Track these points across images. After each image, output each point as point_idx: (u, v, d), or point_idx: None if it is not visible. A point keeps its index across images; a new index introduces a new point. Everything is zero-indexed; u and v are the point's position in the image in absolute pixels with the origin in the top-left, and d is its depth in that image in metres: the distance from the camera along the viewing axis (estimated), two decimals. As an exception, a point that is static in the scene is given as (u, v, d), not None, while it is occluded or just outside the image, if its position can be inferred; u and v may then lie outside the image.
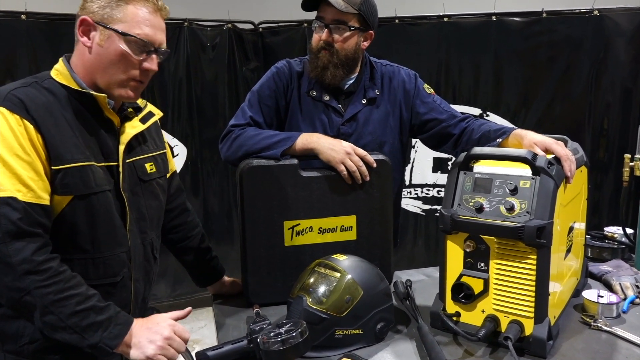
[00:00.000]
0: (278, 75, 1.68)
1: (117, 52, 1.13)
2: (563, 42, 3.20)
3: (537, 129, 3.28)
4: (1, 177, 1.02)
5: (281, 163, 1.45)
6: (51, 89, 1.13)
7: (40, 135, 1.06)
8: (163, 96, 3.27)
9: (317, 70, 1.61)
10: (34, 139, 1.05)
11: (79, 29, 1.14)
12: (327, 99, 1.66)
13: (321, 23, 1.59)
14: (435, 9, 3.31)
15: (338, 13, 1.56)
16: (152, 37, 1.15)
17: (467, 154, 1.27)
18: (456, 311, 1.27)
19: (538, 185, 1.17)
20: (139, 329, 1.10)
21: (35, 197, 1.04)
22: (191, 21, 3.29)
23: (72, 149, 1.10)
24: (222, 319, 1.43)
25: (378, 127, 1.69)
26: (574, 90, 3.25)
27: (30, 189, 1.04)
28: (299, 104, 1.67)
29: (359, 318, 1.21)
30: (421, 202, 3.47)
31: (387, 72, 1.74)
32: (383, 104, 1.70)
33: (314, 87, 1.66)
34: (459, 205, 1.25)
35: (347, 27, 1.58)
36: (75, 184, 1.10)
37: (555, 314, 1.26)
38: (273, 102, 1.67)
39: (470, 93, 3.33)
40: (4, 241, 1.00)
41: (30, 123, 1.04)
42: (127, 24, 1.12)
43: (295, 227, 1.46)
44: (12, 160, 1.03)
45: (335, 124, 1.66)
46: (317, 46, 1.61)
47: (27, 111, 1.05)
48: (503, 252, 1.19)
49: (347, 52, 1.60)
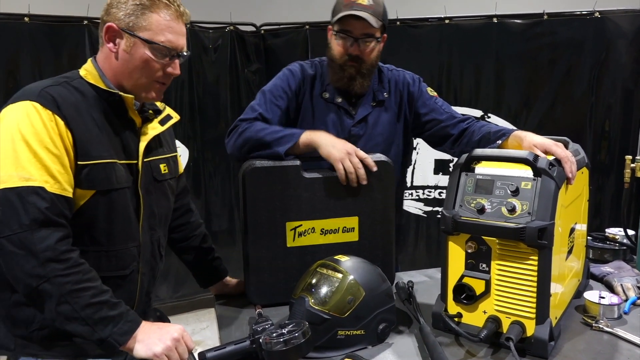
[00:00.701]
0: (292, 77, 1.71)
1: (142, 58, 1.19)
2: (564, 44, 3.20)
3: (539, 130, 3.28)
4: (32, 167, 1.07)
5: (284, 164, 1.46)
6: (80, 89, 1.19)
7: (70, 132, 1.12)
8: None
9: (344, 81, 1.65)
10: (64, 134, 1.11)
11: (105, 35, 1.20)
12: (340, 101, 1.70)
13: (349, 37, 1.60)
14: (436, 11, 3.32)
15: (368, 27, 1.58)
16: (175, 43, 1.22)
17: (469, 155, 1.28)
18: (458, 312, 1.27)
19: (539, 187, 1.17)
20: (148, 328, 1.12)
21: (61, 189, 1.09)
22: (193, 23, 3.30)
23: (98, 146, 1.16)
24: (225, 319, 1.44)
25: (387, 129, 1.73)
26: (575, 92, 3.25)
27: (57, 180, 1.09)
28: (311, 106, 1.71)
29: (361, 319, 1.21)
30: (423, 204, 3.47)
31: (393, 76, 1.78)
32: (391, 106, 1.75)
33: (327, 89, 1.70)
34: (460, 206, 1.25)
35: (374, 39, 1.62)
36: (99, 179, 1.16)
37: (557, 315, 1.26)
38: (283, 103, 1.68)
39: (472, 95, 3.33)
40: (31, 228, 1.04)
41: (61, 119, 1.11)
42: (151, 31, 1.19)
43: (298, 228, 1.46)
44: (42, 153, 1.08)
45: (347, 126, 1.70)
46: (343, 58, 1.62)
47: (59, 108, 1.11)
48: (504, 253, 1.19)
49: (372, 61, 1.66)
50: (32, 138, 1.08)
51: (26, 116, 1.09)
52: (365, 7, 1.56)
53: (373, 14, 1.57)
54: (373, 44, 1.62)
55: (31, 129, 1.08)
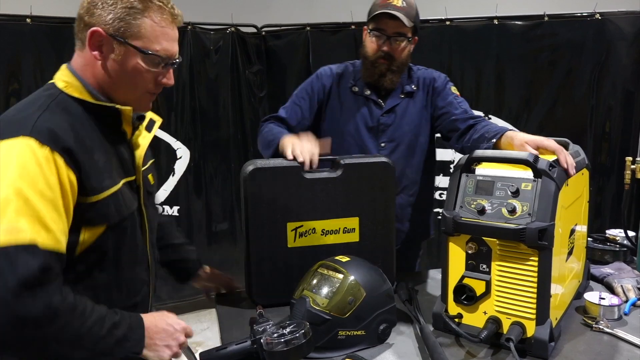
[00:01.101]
0: (316, 79, 1.86)
1: (135, 69, 1.07)
2: (565, 45, 3.20)
3: (539, 132, 3.27)
4: (22, 217, 0.91)
5: (285, 164, 1.47)
6: (67, 107, 1.04)
7: (72, 170, 0.98)
8: (166, 99, 3.29)
9: (375, 77, 1.77)
10: (63, 174, 0.96)
11: (89, 41, 1.05)
12: (369, 93, 1.81)
13: (382, 35, 1.72)
14: (437, 12, 3.32)
15: (400, 26, 1.70)
16: (170, 51, 1.10)
17: (469, 156, 1.28)
18: (458, 313, 1.28)
19: (539, 188, 1.18)
20: (153, 328, 1.08)
21: (55, 242, 0.94)
22: (195, 24, 3.31)
23: (104, 175, 1.05)
24: (226, 319, 1.44)
25: (415, 119, 1.83)
26: (576, 94, 3.25)
27: (51, 231, 0.93)
28: (339, 100, 1.83)
29: (362, 319, 1.22)
30: (423, 205, 3.47)
31: (422, 74, 1.89)
32: (419, 99, 1.85)
33: (357, 83, 1.83)
34: (461, 207, 1.26)
35: (405, 38, 1.73)
36: (111, 212, 1.06)
37: (557, 316, 1.27)
38: (305, 104, 1.83)
39: (472, 96, 3.33)
40: (19, 292, 0.88)
41: (60, 157, 0.96)
42: (145, 39, 1.06)
43: (299, 229, 1.47)
44: (35, 199, 0.92)
45: (376, 115, 1.81)
46: (375, 55, 1.74)
47: (57, 143, 0.96)
48: (505, 253, 1.20)
49: (403, 59, 1.77)
50: (25, 183, 0.92)
51: (19, 157, 0.93)
52: (399, 8, 1.68)
53: (406, 14, 1.68)
54: (404, 43, 1.73)
55: (24, 172, 0.92)
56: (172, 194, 3.37)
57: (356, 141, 1.78)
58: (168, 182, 3.37)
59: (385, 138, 1.81)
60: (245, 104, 3.54)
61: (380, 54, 1.73)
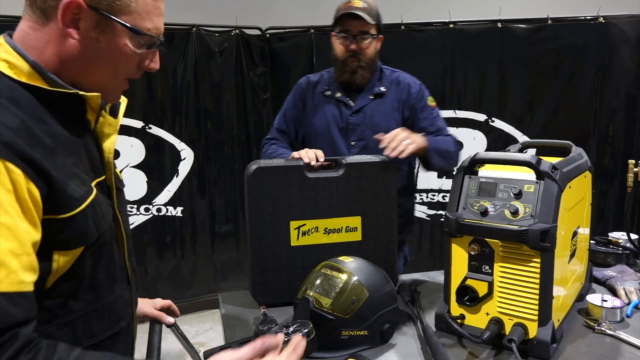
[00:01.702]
0: (298, 89, 2.00)
1: (120, 51, 0.85)
2: (568, 48, 3.21)
3: (542, 135, 3.29)
4: None
5: (287, 164, 1.49)
6: (12, 96, 0.78)
7: (33, 181, 0.74)
8: (171, 100, 3.31)
9: (347, 75, 1.88)
10: (21, 188, 0.72)
11: (63, 12, 0.80)
12: (339, 95, 1.92)
13: (348, 35, 1.84)
14: (440, 15, 3.34)
15: (364, 25, 1.82)
16: (160, 29, 0.91)
17: (472, 158, 1.29)
18: (461, 314, 1.28)
19: (542, 190, 1.18)
20: None
21: (18, 282, 0.71)
22: (199, 27, 3.33)
23: (74, 182, 0.81)
24: (230, 319, 1.45)
25: (384, 120, 1.89)
26: (579, 97, 3.25)
27: (11, 270, 0.70)
28: (314, 104, 1.95)
29: (365, 319, 1.22)
30: (426, 207, 3.48)
31: (395, 76, 1.98)
32: (389, 100, 1.92)
33: (330, 88, 1.94)
34: (463, 208, 1.26)
35: (370, 35, 1.85)
36: (89, 229, 0.84)
37: (559, 318, 1.27)
38: (294, 112, 1.97)
39: (476, 99, 3.34)
40: None
41: (15, 165, 0.72)
42: (136, 15, 0.85)
43: (302, 227, 1.48)
44: None
45: (345, 115, 1.90)
46: (344, 55, 1.86)
47: (11, 147, 0.72)
48: (507, 255, 1.20)
49: (370, 56, 1.87)
50: None
51: None
52: (360, 8, 1.81)
53: (367, 13, 1.80)
54: (369, 40, 1.85)
55: None
56: (175, 195, 3.38)
57: (328, 141, 1.87)
58: (172, 183, 3.38)
59: (355, 137, 1.89)
60: (249, 105, 3.56)
61: (349, 53, 1.84)
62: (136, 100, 3.22)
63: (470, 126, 3.35)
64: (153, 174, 3.33)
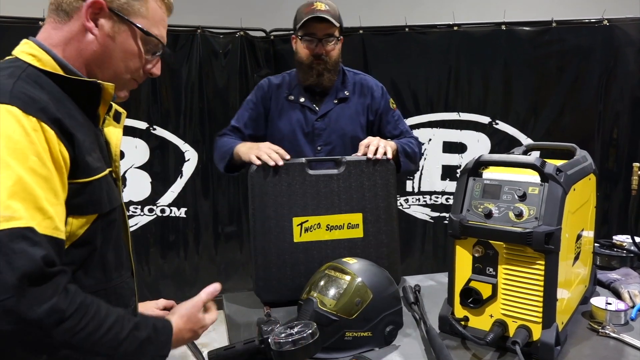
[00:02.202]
0: (259, 90, 1.98)
1: (130, 49, 0.98)
2: (572, 51, 3.21)
3: (547, 138, 3.29)
4: (14, 198, 0.75)
5: (290, 162, 1.53)
6: (38, 81, 0.88)
7: (64, 144, 0.83)
8: (175, 101, 3.32)
9: (314, 78, 1.87)
10: (55, 148, 0.81)
11: (88, 10, 0.92)
12: (303, 100, 1.92)
13: (313, 38, 1.83)
14: (445, 17, 3.34)
15: (329, 28, 1.83)
16: (164, 39, 1.04)
17: (477, 160, 1.29)
18: (464, 316, 1.28)
19: (546, 192, 1.18)
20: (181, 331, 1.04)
21: (53, 228, 0.79)
22: (204, 28, 3.34)
23: (93, 155, 0.91)
24: (233, 320, 1.46)
25: (349, 123, 1.92)
26: (584, 100, 3.25)
27: (48, 216, 0.78)
28: (278, 109, 1.94)
29: (369, 321, 1.23)
30: (430, 210, 3.47)
31: (358, 79, 1.99)
32: (353, 104, 1.94)
33: (293, 92, 1.94)
34: (467, 210, 1.27)
35: (335, 38, 1.86)
36: (103, 198, 0.92)
37: (563, 320, 1.27)
38: (251, 112, 1.96)
39: (480, 101, 3.34)
40: (21, 290, 0.72)
41: (50, 128, 0.81)
42: (147, 20, 0.98)
43: (304, 224, 1.50)
44: (28, 176, 0.77)
45: (310, 121, 1.91)
46: (310, 58, 1.85)
47: (44, 112, 0.82)
48: (511, 257, 1.20)
49: (335, 58, 1.88)
50: (13, 157, 0.76)
51: (2, 127, 0.78)
52: (324, 11, 1.82)
53: (332, 16, 1.81)
54: (334, 42, 1.86)
55: (10, 145, 0.77)
56: (179, 196, 3.39)
57: (293, 146, 1.83)
58: (176, 184, 3.39)
59: (321, 142, 1.90)
60: (253, 107, 3.57)
61: (313, 57, 1.84)
62: (141, 102, 3.23)
63: (474, 128, 3.35)
64: (157, 175, 3.34)
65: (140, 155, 3.28)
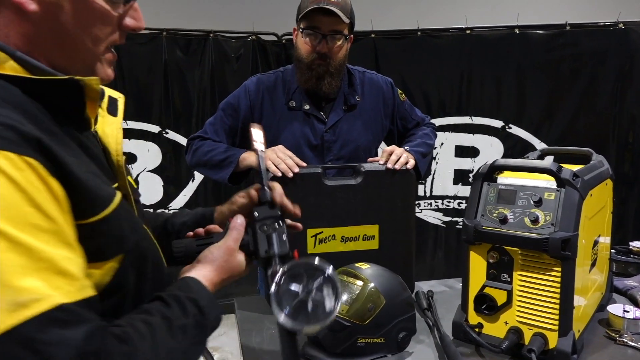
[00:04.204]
0: (244, 95, 1.68)
1: (89, 9, 0.70)
2: (587, 55, 3.17)
3: (561, 142, 3.25)
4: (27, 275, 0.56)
5: (304, 171, 1.47)
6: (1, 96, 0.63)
7: (56, 177, 0.61)
8: (187, 105, 3.33)
9: (312, 81, 1.61)
10: (51, 183, 0.60)
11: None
12: (307, 107, 1.65)
13: (316, 33, 1.57)
14: (457, 21, 3.32)
15: (337, 23, 1.55)
16: None
17: (491, 165, 1.28)
18: (479, 322, 1.27)
19: (563, 197, 1.17)
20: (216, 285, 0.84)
21: (81, 288, 0.61)
22: (216, 32, 3.35)
23: (94, 180, 0.68)
24: (246, 324, 1.45)
25: (362, 134, 1.70)
26: (598, 104, 3.21)
27: (73, 276, 0.60)
28: (275, 117, 1.66)
29: (381, 327, 1.21)
30: (442, 214, 3.45)
31: (366, 79, 1.75)
32: (365, 110, 1.71)
33: (293, 97, 1.66)
34: (482, 216, 1.25)
35: (342, 36, 1.58)
36: (125, 232, 0.71)
37: (580, 328, 1.25)
38: (232, 121, 1.69)
39: (493, 105, 3.31)
40: None
41: (36, 159, 0.59)
42: None
43: (319, 235, 1.47)
44: (31, 239, 0.57)
45: (319, 132, 1.66)
46: (310, 56, 1.59)
47: (24, 138, 0.59)
48: (527, 263, 1.19)
49: (340, 60, 1.61)
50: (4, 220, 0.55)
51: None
52: (333, 3, 1.52)
53: (341, 10, 1.53)
54: (341, 41, 1.58)
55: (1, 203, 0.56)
56: (191, 199, 3.40)
57: None
58: (188, 187, 3.40)
59: (332, 156, 1.66)
60: (265, 111, 3.58)
61: (316, 55, 1.57)
62: (153, 105, 3.25)
63: (486, 133, 3.33)
64: (169, 178, 3.36)
65: (153, 158, 3.30)
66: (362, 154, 1.69)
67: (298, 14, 1.62)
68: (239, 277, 0.89)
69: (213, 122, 1.72)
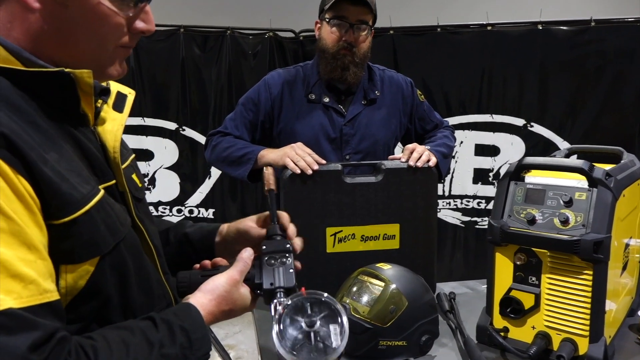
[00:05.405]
0: (264, 88, 1.71)
1: (94, 12, 0.69)
2: (612, 51, 3.08)
3: (585, 140, 3.17)
4: None
5: (324, 169, 1.45)
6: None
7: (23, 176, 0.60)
8: (204, 102, 3.32)
9: (337, 71, 1.63)
10: (14, 182, 0.59)
11: None
12: (327, 100, 1.68)
13: (344, 22, 1.59)
14: (478, 17, 3.26)
15: (364, 13, 1.58)
16: None
17: (519, 163, 1.23)
18: (504, 326, 1.23)
19: (595, 198, 1.12)
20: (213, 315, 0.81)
21: (40, 292, 0.59)
22: (234, 29, 3.33)
23: (73, 179, 0.66)
24: (263, 323, 1.43)
25: (381, 129, 1.71)
26: (624, 101, 3.12)
27: (30, 280, 0.58)
28: (294, 110, 1.68)
29: (404, 329, 1.18)
30: (460, 214, 3.39)
31: (386, 76, 1.78)
32: (384, 106, 1.73)
33: (313, 90, 1.68)
34: (509, 216, 1.21)
35: (368, 26, 1.62)
36: (101, 234, 0.69)
37: (611, 334, 1.20)
38: (253, 116, 1.71)
39: (514, 103, 3.24)
40: None
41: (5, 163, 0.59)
42: None
43: (338, 234, 1.45)
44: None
45: (338, 125, 1.68)
46: (337, 46, 1.60)
47: None
48: (556, 266, 1.14)
49: (364, 51, 1.64)
50: None
51: None
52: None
53: (370, 1, 1.57)
54: (366, 32, 1.62)
55: None
56: (207, 197, 3.39)
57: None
58: (204, 185, 3.39)
59: (350, 149, 1.68)
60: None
61: (342, 44, 1.59)
62: (170, 102, 3.25)
63: (507, 131, 3.26)
64: (185, 175, 3.35)
65: (170, 155, 3.30)
66: (380, 149, 1.71)
67: (323, 5, 1.64)
68: (242, 311, 0.86)
69: (233, 117, 1.73)
